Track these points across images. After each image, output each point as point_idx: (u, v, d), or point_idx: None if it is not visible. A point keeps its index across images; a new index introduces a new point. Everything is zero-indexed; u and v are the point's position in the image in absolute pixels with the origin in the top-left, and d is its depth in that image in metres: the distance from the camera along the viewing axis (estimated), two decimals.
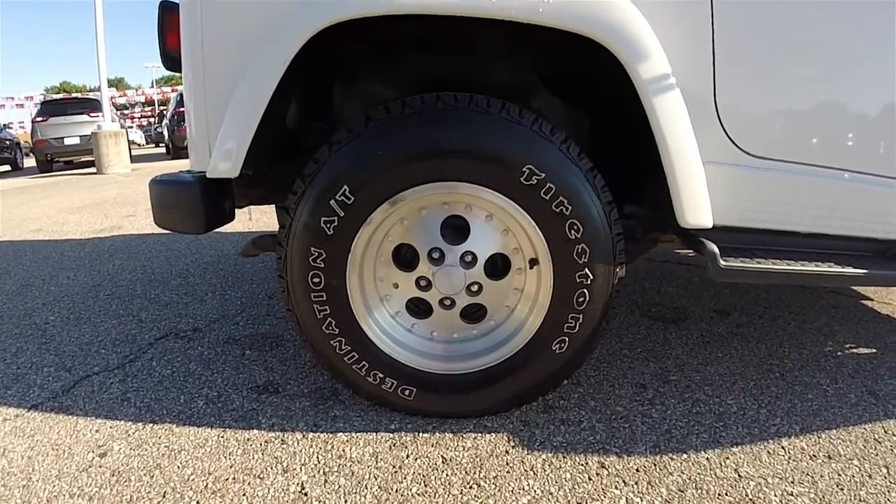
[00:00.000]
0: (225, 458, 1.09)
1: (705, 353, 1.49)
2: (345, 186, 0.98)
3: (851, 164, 1.09)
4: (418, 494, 0.98)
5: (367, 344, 1.12)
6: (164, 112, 17.04)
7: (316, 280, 1.05)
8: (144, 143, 23.98)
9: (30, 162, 12.17)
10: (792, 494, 0.93)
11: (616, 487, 0.97)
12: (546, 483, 0.99)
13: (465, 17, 0.92)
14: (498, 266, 1.11)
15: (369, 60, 1.25)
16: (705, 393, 1.27)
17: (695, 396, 1.26)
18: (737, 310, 1.83)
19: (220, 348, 1.63)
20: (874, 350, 1.50)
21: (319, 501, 0.96)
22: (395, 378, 1.13)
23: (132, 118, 30.46)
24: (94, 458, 1.10)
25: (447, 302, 1.12)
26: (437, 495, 0.97)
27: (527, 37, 0.98)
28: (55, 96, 13.31)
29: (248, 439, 1.15)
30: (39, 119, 10.10)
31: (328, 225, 1.01)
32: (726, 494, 0.94)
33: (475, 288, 1.10)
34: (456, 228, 1.08)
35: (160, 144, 20.28)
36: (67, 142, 9.86)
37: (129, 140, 9.88)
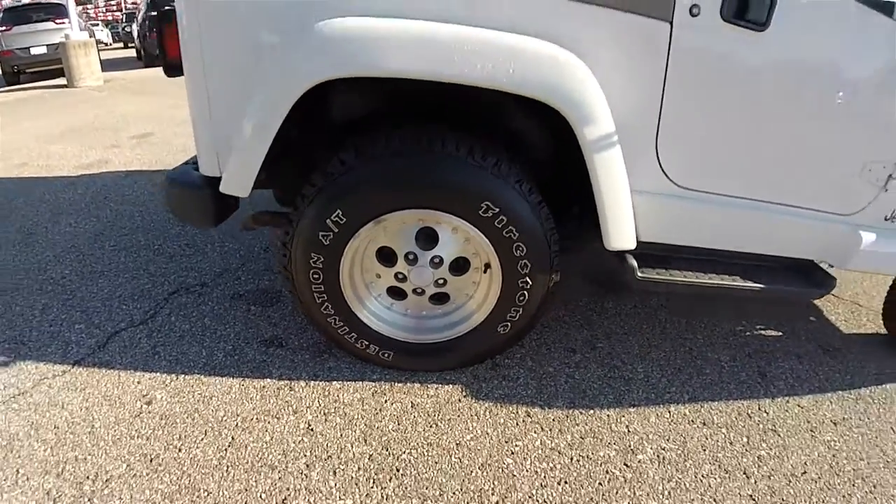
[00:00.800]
0: (247, 402, 1.43)
1: (632, 324, 1.84)
2: (339, 210, 1.23)
3: (762, 196, 1.38)
4: (393, 431, 1.34)
5: (356, 320, 1.43)
6: (135, 13, 15.90)
7: (316, 276, 1.33)
8: (111, 41, 22.45)
9: None
10: (664, 450, 1.31)
11: (535, 432, 1.34)
12: (485, 426, 1.35)
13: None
14: (460, 264, 1.40)
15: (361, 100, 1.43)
16: (622, 360, 1.64)
17: (612, 363, 1.62)
18: None
19: (227, 304, 1.92)
20: (780, 334, 1.83)
21: (322, 436, 1.32)
22: (378, 345, 1.46)
23: (96, 14, 28.23)
24: (142, 405, 1.42)
25: (419, 291, 1.42)
26: (406, 432, 1.33)
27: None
28: (17, 2, 12.28)
29: (263, 387, 1.49)
30: (2, 28, 9.49)
31: (325, 237, 1.27)
32: (614, 444, 1.32)
33: (441, 281, 1.40)
34: (428, 235, 1.35)
35: (129, 45, 19.03)
36: (34, 52, 9.36)
37: (94, 37, 9.43)
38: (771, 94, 1.28)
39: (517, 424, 1.37)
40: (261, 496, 1.16)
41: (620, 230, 1.26)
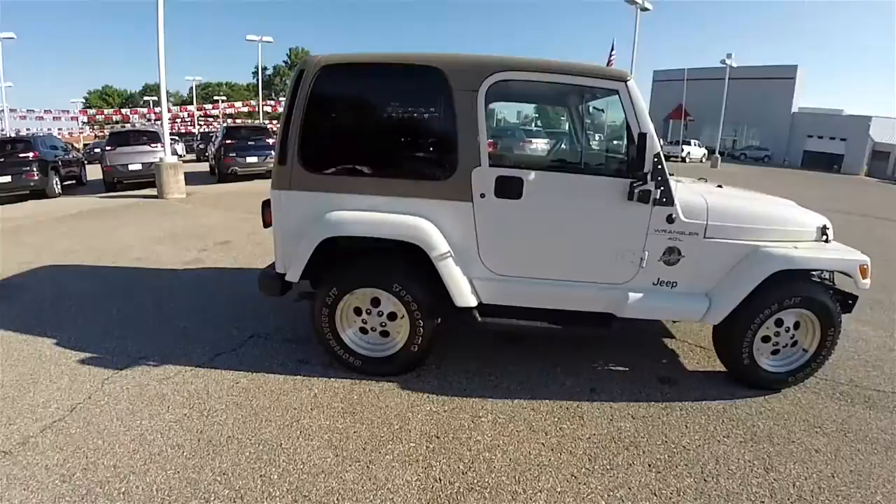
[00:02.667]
0: (287, 390, 2.96)
1: (519, 360, 3.30)
2: (333, 288, 2.86)
3: (554, 276, 2.80)
4: (364, 410, 2.77)
5: (343, 342, 2.98)
6: (212, 136, 19.41)
7: (324, 319, 2.92)
8: (185, 153, 26.55)
9: (91, 174, 14.55)
10: (499, 419, 2.70)
11: (430, 403, 2.80)
12: (404, 399, 2.82)
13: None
14: (392, 315, 2.93)
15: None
16: (495, 376, 3.06)
17: (489, 378, 3.07)
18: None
19: (279, 341, 3.51)
20: (626, 368, 3.20)
21: (331, 407, 2.77)
22: (353, 356, 2.99)
23: (172, 125, 33.27)
24: (236, 389, 2.99)
25: (374, 329, 2.98)
26: (372, 409, 2.75)
27: None
28: (121, 129, 15.80)
29: (294, 381, 3.00)
30: (109, 148, 12.38)
31: (328, 300, 2.88)
32: (469, 413, 2.77)
33: (385, 325, 2.96)
34: (376, 300, 2.93)
35: (201, 159, 22.59)
36: (132, 168, 12.10)
37: (176, 154, 12.06)
38: (539, 227, 2.74)
39: (423, 400, 2.82)
40: (297, 437, 2.67)
41: (461, 296, 2.77)
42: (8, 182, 10.59)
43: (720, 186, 3.42)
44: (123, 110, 31.01)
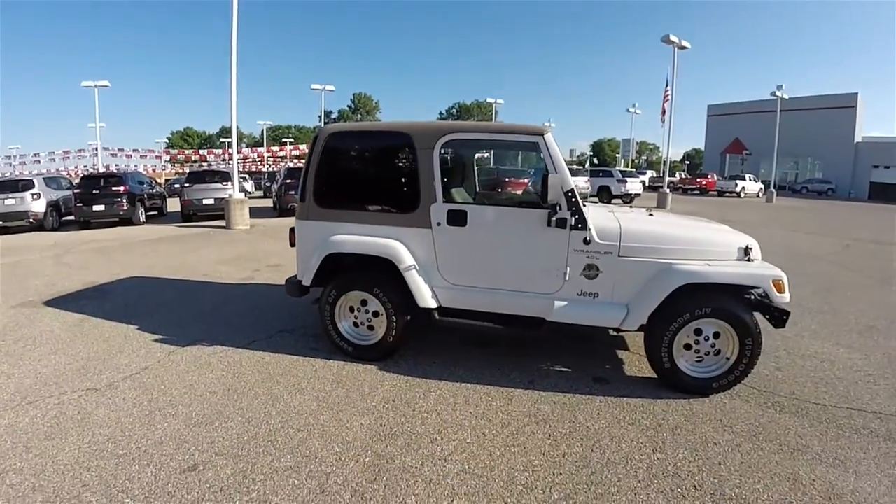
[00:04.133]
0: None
1: (479, 358, 4.19)
2: (333, 291, 3.88)
3: (498, 286, 3.59)
4: (346, 380, 3.77)
5: (340, 331, 3.96)
6: (276, 175, 21.66)
7: (327, 315, 3.94)
8: (254, 190, 29.46)
9: (170, 207, 16.77)
10: (444, 403, 3.63)
11: (395, 381, 3.74)
12: (376, 378, 3.77)
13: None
14: (377, 313, 3.90)
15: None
16: (450, 369, 3.98)
17: (447, 368, 3.98)
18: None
19: (298, 335, 4.57)
20: (569, 370, 3.93)
21: (324, 378, 3.80)
22: (346, 344, 3.97)
23: (243, 164, 36.66)
24: (263, 370, 4.07)
25: (361, 323, 3.97)
26: (352, 380, 3.73)
27: None
28: (198, 168, 18.36)
29: (306, 362, 4.04)
30: (187, 184, 14.44)
31: (329, 299, 3.89)
32: (423, 392, 3.66)
33: (371, 321, 3.91)
34: (364, 302, 3.93)
35: (268, 196, 24.98)
36: (205, 202, 14.04)
37: (244, 191, 13.87)
38: (481, 248, 3.59)
39: (392, 378, 3.75)
40: (317, 401, 3.69)
41: (423, 299, 3.64)
42: (102, 210, 12.80)
43: (651, 214, 4.09)
44: (201, 150, 34.84)
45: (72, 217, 13.29)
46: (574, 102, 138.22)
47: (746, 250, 3.39)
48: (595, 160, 72.27)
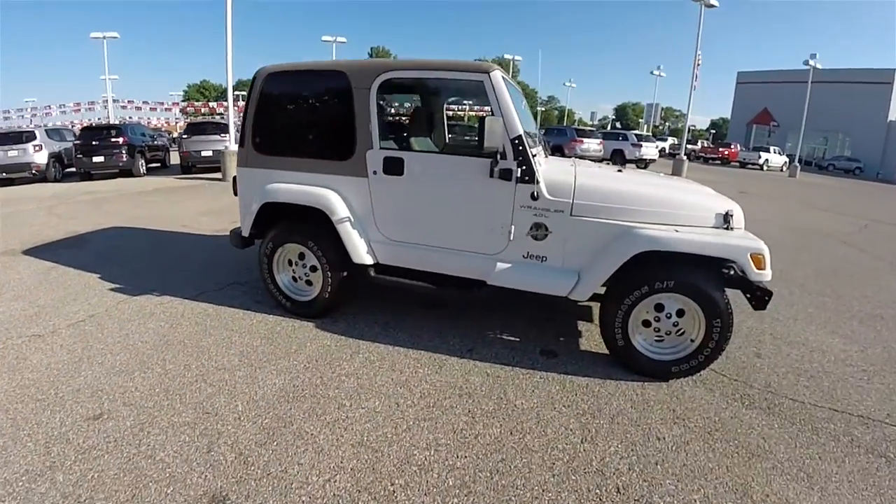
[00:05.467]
0: (283, 322, 3.75)
1: (428, 319, 3.89)
2: (270, 243, 3.57)
3: (437, 243, 3.20)
4: (277, 337, 3.50)
5: (278, 285, 3.68)
6: None
7: (265, 266, 3.64)
8: None
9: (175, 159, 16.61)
10: (371, 358, 3.36)
11: (351, 347, 3.46)
12: (313, 335, 3.50)
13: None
14: (314, 268, 3.60)
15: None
16: (392, 328, 3.68)
17: (386, 326, 3.69)
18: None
19: (249, 290, 4.33)
20: (517, 339, 3.73)
21: (257, 333, 3.55)
22: (284, 298, 3.69)
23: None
24: (253, 303, 3.83)
25: (299, 277, 3.69)
26: (283, 337, 3.47)
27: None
28: (197, 120, 17.97)
29: (263, 321, 3.80)
30: (185, 136, 14.15)
31: (266, 251, 3.59)
32: (350, 354, 3.39)
33: (309, 276, 3.61)
34: (303, 255, 3.63)
35: None
36: (203, 154, 13.78)
37: None
38: (419, 200, 3.18)
39: (322, 336, 3.49)
40: (249, 348, 3.44)
41: (358, 255, 3.30)
42: (101, 161, 12.64)
43: (620, 171, 3.61)
44: (211, 103, 34.40)
45: (73, 169, 13.20)
46: (598, 64, 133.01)
47: (726, 217, 2.88)
48: (618, 124, 69.80)
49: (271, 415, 2.54)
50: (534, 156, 3.03)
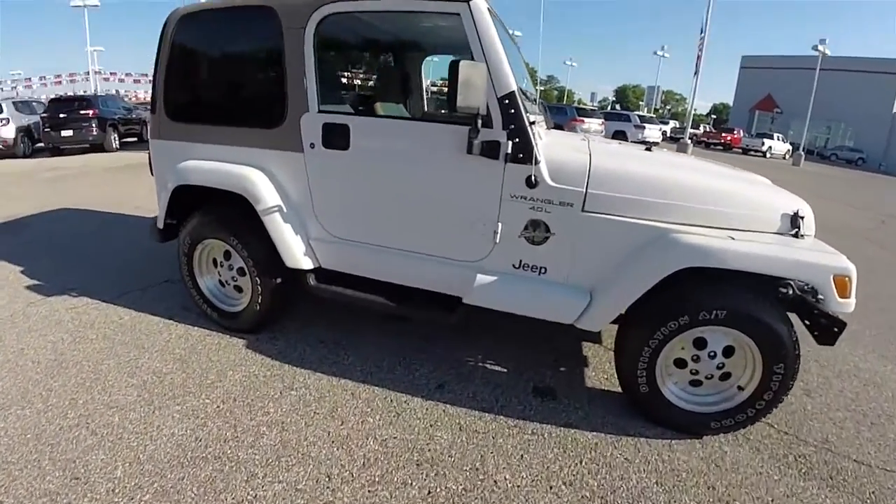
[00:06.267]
0: (207, 339, 2.91)
1: (382, 338, 3.06)
2: (187, 237, 2.71)
3: (396, 244, 2.35)
4: (195, 361, 2.67)
5: (201, 290, 2.84)
6: None
7: (185, 266, 2.79)
8: None
9: None
10: (302, 400, 2.53)
11: (257, 381, 2.63)
12: (262, 363, 2.66)
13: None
14: (242, 271, 2.72)
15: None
16: (343, 349, 2.86)
17: (335, 351, 2.86)
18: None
19: (180, 293, 3.47)
20: (504, 370, 2.74)
21: (172, 353, 2.73)
22: (210, 307, 2.84)
23: None
24: (179, 309, 3.00)
25: (227, 282, 2.82)
26: (203, 361, 2.58)
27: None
28: None
29: (186, 335, 2.96)
30: None
31: (186, 247, 2.74)
32: (281, 390, 2.56)
33: (236, 278, 2.76)
34: (228, 254, 2.75)
35: None
36: None
37: None
38: (371, 183, 2.30)
39: (252, 361, 2.66)
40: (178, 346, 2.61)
41: (291, 257, 2.47)
42: (70, 136, 11.61)
43: (649, 149, 2.76)
44: None
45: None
46: (598, 43, 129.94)
47: (794, 219, 2.08)
48: (618, 106, 68.20)
49: (154, 488, 1.78)
50: (532, 123, 2.16)
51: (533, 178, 2.09)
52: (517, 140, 2.08)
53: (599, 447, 2.09)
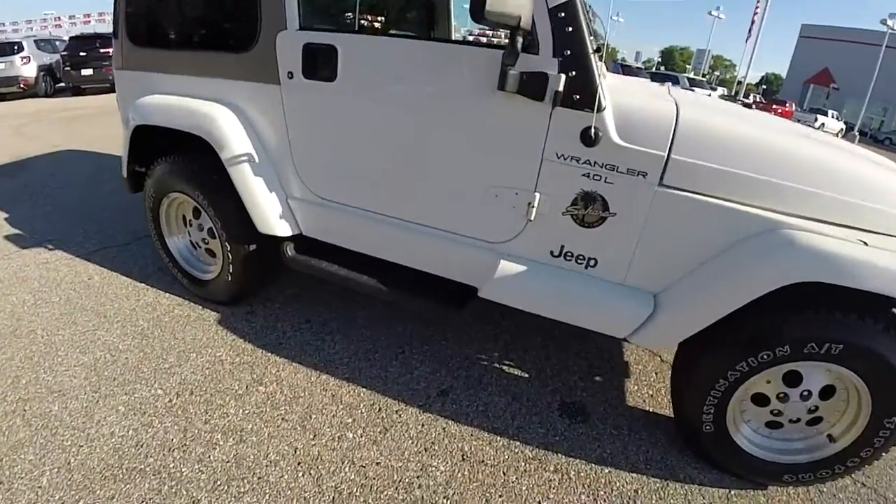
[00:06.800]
0: (177, 309, 2.47)
1: (379, 326, 2.56)
2: (152, 189, 2.23)
3: (382, 210, 1.80)
4: (159, 335, 2.17)
5: (170, 252, 2.39)
6: None
7: (151, 223, 2.33)
8: None
9: None
10: (271, 399, 2.04)
11: (220, 371, 2.18)
12: (232, 346, 2.20)
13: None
14: (212, 233, 2.22)
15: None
16: (333, 338, 2.39)
17: (331, 349, 2.38)
18: None
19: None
20: (527, 375, 2.36)
21: (135, 324, 2.30)
22: (180, 272, 2.39)
23: None
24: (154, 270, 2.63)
25: (197, 244, 2.35)
26: (167, 337, 2.15)
27: None
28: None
29: (155, 303, 2.52)
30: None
31: (151, 201, 2.27)
32: (248, 384, 2.09)
33: (207, 241, 2.28)
34: (198, 211, 2.25)
35: None
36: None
37: None
38: (357, 123, 1.71)
39: (221, 342, 2.21)
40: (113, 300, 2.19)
41: (264, 220, 1.93)
42: (90, 75, 11.04)
43: (749, 106, 2.09)
44: None
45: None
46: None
47: None
48: (663, 68, 64.45)
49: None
50: (597, 51, 1.54)
51: (593, 131, 1.45)
52: (574, 73, 1.43)
53: (641, 494, 1.58)
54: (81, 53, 11.14)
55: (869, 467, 1.65)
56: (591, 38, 1.52)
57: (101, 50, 11.22)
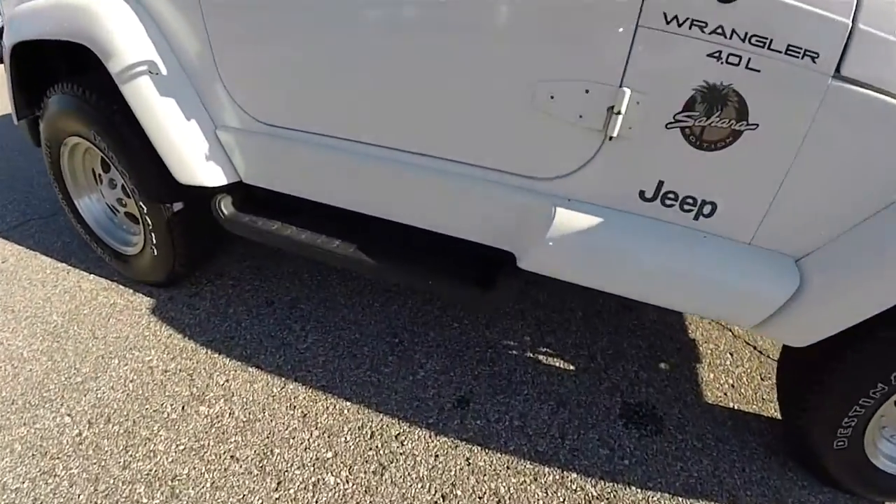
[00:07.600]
0: (102, 295, 1.86)
1: (376, 313, 1.98)
2: (46, 136, 1.61)
3: (360, 136, 1.17)
4: (77, 333, 1.61)
5: (82, 218, 1.77)
6: None
7: (56, 178, 1.71)
8: None
9: None
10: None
11: (152, 382, 1.60)
12: (166, 347, 1.63)
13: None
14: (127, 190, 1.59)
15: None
16: (323, 335, 1.81)
17: (302, 345, 1.80)
18: None
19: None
20: (573, 368, 1.84)
21: (47, 321, 1.70)
22: (97, 243, 1.78)
23: None
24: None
25: (115, 206, 1.73)
26: (86, 334, 1.59)
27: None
28: None
29: (75, 288, 1.90)
30: None
31: (48, 151, 1.65)
32: (188, 402, 1.52)
33: (124, 201, 1.67)
34: (105, 163, 1.62)
35: None
36: None
37: None
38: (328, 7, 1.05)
39: (160, 337, 1.64)
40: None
41: (182, 164, 1.28)
42: None
43: None
44: None
45: None
46: None
47: None
48: None
49: None
50: None
51: None
52: None
53: None
54: None
55: None
56: None
57: None
